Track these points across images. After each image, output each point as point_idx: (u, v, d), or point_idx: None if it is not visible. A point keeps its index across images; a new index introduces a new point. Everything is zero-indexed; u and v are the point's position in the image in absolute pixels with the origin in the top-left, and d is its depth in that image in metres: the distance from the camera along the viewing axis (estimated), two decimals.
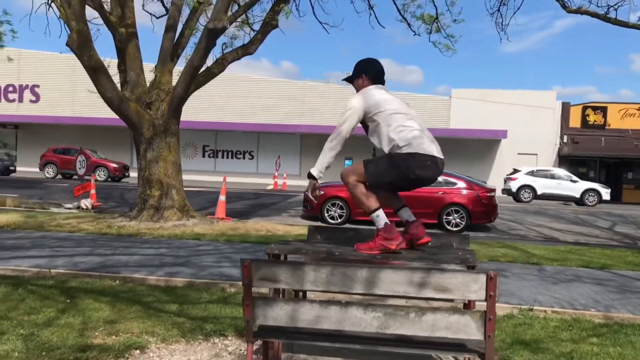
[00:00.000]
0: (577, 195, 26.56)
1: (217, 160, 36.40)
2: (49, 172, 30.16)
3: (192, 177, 31.38)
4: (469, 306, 3.69)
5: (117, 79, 12.57)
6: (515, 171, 27.82)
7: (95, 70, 11.47)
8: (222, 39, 13.34)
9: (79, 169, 16.97)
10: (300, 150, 35.29)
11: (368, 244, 3.67)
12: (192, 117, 31.14)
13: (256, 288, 3.15)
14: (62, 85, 35.67)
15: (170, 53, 13.07)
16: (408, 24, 14.09)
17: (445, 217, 14.29)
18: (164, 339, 4.62)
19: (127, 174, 30.20)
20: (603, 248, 11.32)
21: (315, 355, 4.28)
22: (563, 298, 6.71)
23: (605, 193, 26.63)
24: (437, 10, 13.48)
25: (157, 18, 15.74)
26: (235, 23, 13.60)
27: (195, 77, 12.55)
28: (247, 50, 13.16)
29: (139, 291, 6.21)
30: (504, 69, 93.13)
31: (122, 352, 4.26)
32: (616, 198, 30.61)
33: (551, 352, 4.66)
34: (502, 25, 13.02)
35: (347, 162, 28.06)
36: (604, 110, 33.48)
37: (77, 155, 17.68)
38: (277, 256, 3.76)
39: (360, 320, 3.02)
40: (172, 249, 9.10)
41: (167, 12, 13.91)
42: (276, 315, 3.12)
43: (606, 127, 33.28)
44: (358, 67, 3.89)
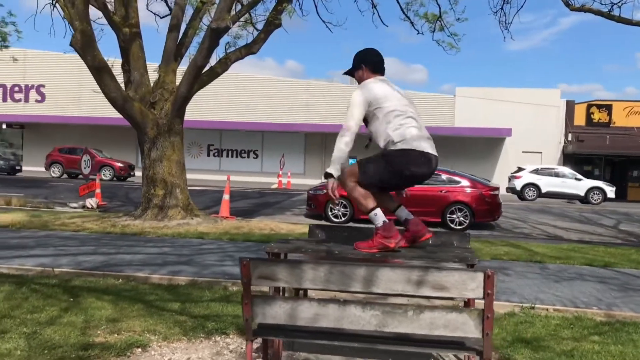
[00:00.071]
0: (582, 194, 26.49)
1: (222, 159, 36.48)
2: (55, 171, 30.30)
3: (197, 176, 31.48)
4: (468, 304, 3.72)
5: (121, 78, 12.65)
6: (520, 169, 27.76)
7: (99, 70, 11.52)
8: (225, 39, 13.37)
9: (84, 168, 17.04)
10: (305, 149, 35.33)
11: (367, 242, 3.69)
12: (197, 116, 31.23)
13: (258, 286, 3.17)
14: (67, 85, 35.79)
15: (173, 53, 13.12)
16: (411, 23, 14.07)
17: (448, 215, 14.28)
18: (166, 337, 4.64)
19: (132, 173, 30.29)
20: (607, 246, 11.29)
21: (316, 354, 4.30)
22: (565, 296, 6.70)
23: (610, 191, 26.55)
24: (440, 8, 13.46)
25: (161, 18, 15.81)
26: (238, 22, 13.63)
27: (199, 77, 12.58)
28: (250, 49, 13.19)
29: (142, 290, 6.24)
30: (509, 68, 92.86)
31: (123, 350, 4.29)
32: (621, 196, 30.50)
33: (552, 350, 4.66)
34: (505, 23, 12.99)
35: (351, 160, 27.98)
36: (608, 108, 33.33)
37: (82, 154, 17.74)
38: (277, 255, 3.79)
39: (359, 318, 3.03)
40: (176, 248, 9.14)
41: (171, 12, 13.95)
42: (275, 313, 3.13)
43: (611, 125, 33.14)
44: (357, 58, 3.88)
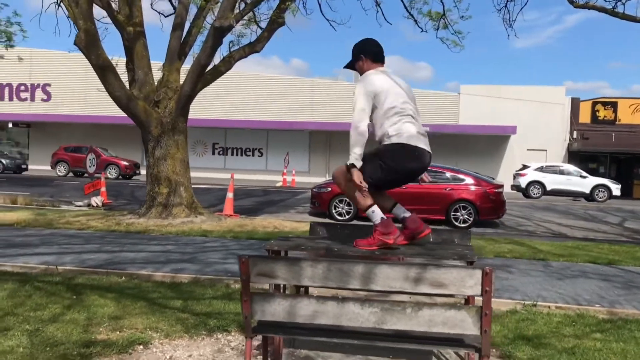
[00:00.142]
0: (587, 191, 26.39)
1: (227, 157, 36.53)
2: (61, 170, 30.43)
3: (202, 175, 31.52)
4: (468, 301, 3.72)
5: (125, 77, 12.68)
6: (525, 167, 27.68)
7: (103, 69, 11.57)
8: (229, 37, 13.44)
9: (89, 167, 17.10)
10: (309, 147, 35.33)
11: (367, 240, 3.70)
12: (202, 115, 31.28)
13: (261, 284, 3.18)
14: (73, 83, 35.87)
15: (177, 51, 13.15)
16: (415, 21, 14.05)
17: (453, 213, 14.26)
18: (168, 334, 4.67)
19: (138, 172, 30.39)
20: (611, 244, 11.25)
21: (317, 351, 4.31)
22: (567, 294, 6.69)
23: (616, 189, 26.45)
24: (444, 6, 13.41)
25: (166, 17, 15.84)
26: (242, 21, 13.67)
27: (203, 75, 12.62)
28: (253, 48, 13.21)
29: (145, 287, 6.27)
30: (514, 65, 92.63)
31: (125, 347, 4.32)
32: (627, 194, 30.36)
33: (553, 348, 4.65)
34: (509, 21, 12.92)
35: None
36: (614, 105, 33.17)
37: (87, 153, 17.80)
38: (277, 252, 3.80)
39: (358, 315, 3.04)
40: (179, 246, 9.18)
41: (175, 10, 13.98)
42: (274, 310, 3.14)
43: (616, 123, 32.97)
44: (356, 49, 3.86)
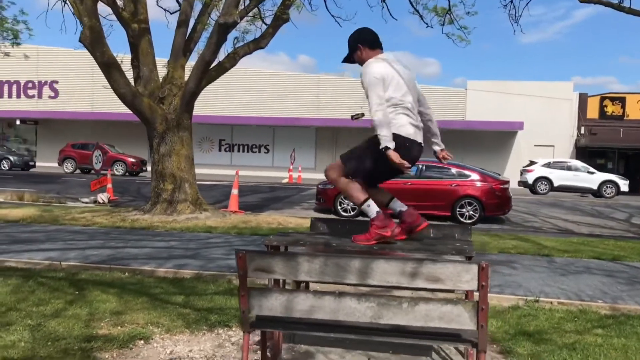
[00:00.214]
0: (595, 187, 26.25)
1: (233, 154, 36.60)
2: (68, 167, 30.59)
3: (208, 171, 31.60)
4: (467, 296, 3.72)
5: (130, 74, 12.72)
6: (532, 163, 27.55)
7: (108, 66, 11.60)
8: (234, 34, 13.40)
9: (95, 163, 17.17)
10: (316, 144, 35.33)
11: (364, 235, 3.70)
12: (208, 111, 31.32)
13: (259, 279, 3.19)
14: (80, 81, 36.02)
15: (182, 48, 13.17)
16: (420, 16, 13.98)
17: (458, 209, 14.22)
18: (169, 329, 4.69)
19: (144, 169, 30.48)
20: (617, 240, 11.19)
21: (317, 346, 4.32)
22: (570, 289, 6.66)
23: (624, 184, 26.30)
24: (449, 2, 13.35)
25: (171, 14, 15.82)
26: (246, 17, 13.65)
27: (207, 72, 12.63)
28: (258, 44, 13.21)
29: (147, 283, 6.30)
30: (523, 61, 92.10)
31: (126, 342, 4.34)
32: (635, 190, 30.08)
33: (554, 343, 4.64)
34: (515, 17, 12.85)
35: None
36: (622, 100, 32.94)
37: (94, 150, 17.89)
38: (276, 247, 3.80)
39: (354, 310, 3.04)
40: (183, 242, 9.21)
41: (180, 7, 13.99)
42: (271, 305, 3.14)
43: (625, 118, 32.76)
44: (351, 40, 3.79)
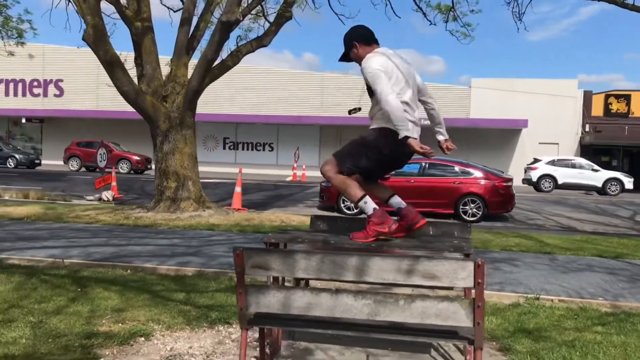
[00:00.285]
0: (599, 185, 26.18)
1: (238, 152, 36.65)
2: (73, 165, 30.71)
3: (212, 169, 31.65)
4: (465, 294, 3.72)
5: (133, 72, 12.74)
6: (536, 161, 27.49)
7: (111, 64, 11.64)
8: (236, 32, 13.43)
9: (100, 161, 17.25)
10: (320, 142, 35.30)
11: (362, 232, 3.69)
12: (212, 109, 31.35)
13: (257, 276, 3.21)
14: (85, 79, 36.11)
15: (185, 46, 13.18)
16: (424, 14, 13.95)
17: (461, 207, 14.20)
18: (169, 326, 4.72)
19: (149, 167, 30.52)
20: (620, 237, 11.17)
21: (316, 343, 4.34)
22: (571, 287, 6.66)
23: (628, 182, 26.20)
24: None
25: (175, 12, 15.82)
26: (249, 15, 13.65)
27: (210, 70, 12.64)
28: (261, 42, 13.21)
29: (149, 280, 6.34)
30: (527, 58, 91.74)
31: (127, 339, 4.37)
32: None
33: (553, 341, 4.64)
34: (519, 14, 12.77)
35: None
36: (627, 98, 32.79)
37: (98, 148, 17.96)
38: (275, 245, 3.82)
39: (351, 307, 3.05)
40: (185, 239, 9.24)
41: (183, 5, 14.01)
42: (269, 302, 3.16)
43: (630, 116, 32.61)
44: (346, 39, 3.76)
